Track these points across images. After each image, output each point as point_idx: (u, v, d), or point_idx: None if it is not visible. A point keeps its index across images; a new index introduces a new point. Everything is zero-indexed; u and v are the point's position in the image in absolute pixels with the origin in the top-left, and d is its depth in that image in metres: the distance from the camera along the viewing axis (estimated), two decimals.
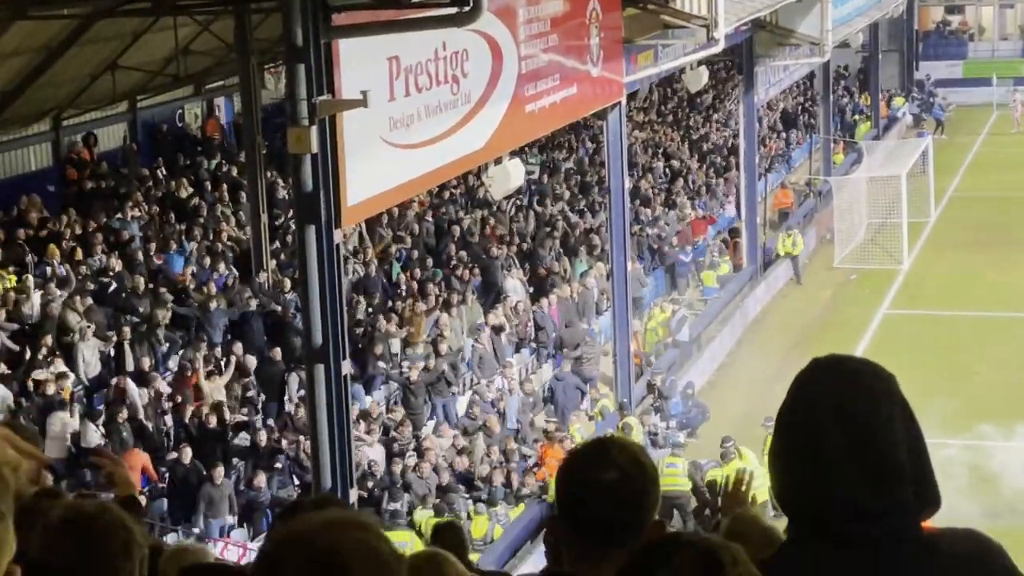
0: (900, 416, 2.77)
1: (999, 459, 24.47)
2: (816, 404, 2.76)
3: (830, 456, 2.70)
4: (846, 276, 38.56)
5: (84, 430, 20.21)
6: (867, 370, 2.82)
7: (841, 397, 2.75)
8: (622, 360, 27.02)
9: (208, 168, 30.55)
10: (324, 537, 2.43)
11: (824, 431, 2.72)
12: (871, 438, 2.71)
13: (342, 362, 16.24)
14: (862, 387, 2.77)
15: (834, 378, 2.79)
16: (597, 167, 37.03)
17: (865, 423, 2.72)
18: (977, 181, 49.71)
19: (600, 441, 3.15)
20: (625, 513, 3.01)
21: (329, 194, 15.73)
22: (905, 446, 2.74)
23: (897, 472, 2.72)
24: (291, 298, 24.41)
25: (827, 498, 2.71)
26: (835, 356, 2.87)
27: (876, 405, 2.75)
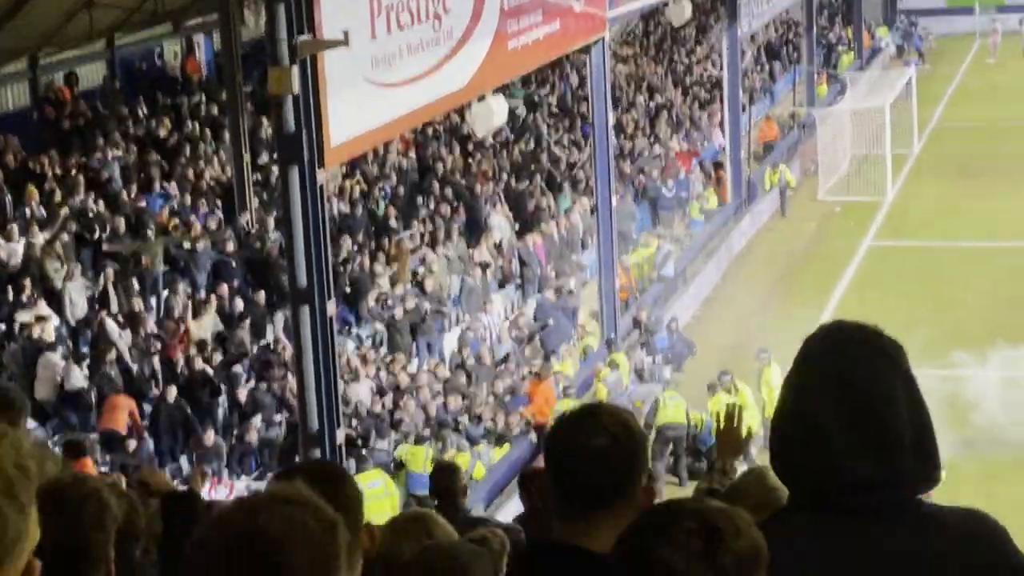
0: (903, 387, 2.75)
1: (980, 388, 24.52)
2: (818, 372, 2.76)
3: (830, 424, 2.69)
4: (830, 208, 38.54)
5: (68, 372, 20.15)
6: (871, 339, 2.80)
7: (843, 365, 2.74)
8: (607, 295, 27.00)
9: (189, 107, 30.31)
10: (247, 519, 2.41)
11: (825, 399, 2.71)
12: (872, 407, 2.70)
13: (327, 302, 16.19)
14: (864, 356, 2.76)
15: (837, 346, 2.79)
16: (580, 102, 36.85)
17: (866, 391, 2.71)
18: (960, 111, 49.66)
19: (589, 407, 3.14)
20: (615, 478, 3.01)
21: (312, 135, 15.63)
22: (907, 417, 2.72)
23: (898, 442, 2.70)
24: (275, 238, 24.33)
25: (827, 467, 2.70)
26: (841, 323, 2.87)
27: (878, 374, 2.73)
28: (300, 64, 15.31)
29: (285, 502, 2.44)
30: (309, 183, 15.68)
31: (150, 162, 26.67)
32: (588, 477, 3.01)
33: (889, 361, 2.78)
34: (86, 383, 20.07)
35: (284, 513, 2.41)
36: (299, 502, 2.45)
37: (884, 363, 2.77)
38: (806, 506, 2.76)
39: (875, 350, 2.78)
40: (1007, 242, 34.20)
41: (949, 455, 13.85)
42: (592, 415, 3.08)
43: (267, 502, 2.45)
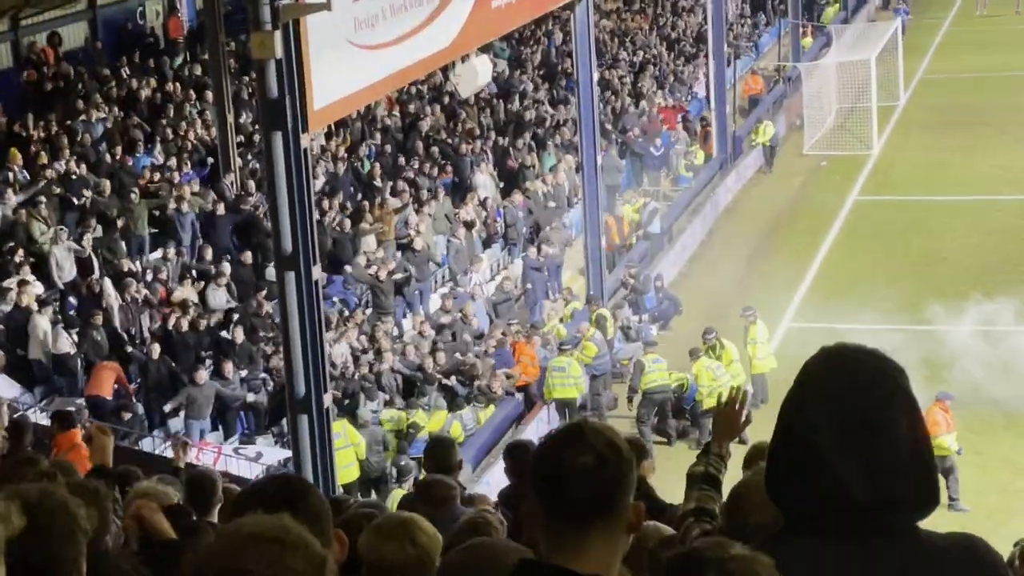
0: (904, 410, 2.75)
1: (964, 343, 24.59)
2: (818, 394, 2.76)
3: (830, 448, 2.70)
4: (816, 163, 38.50)
5: (56, 336, 20.13)
6: (872, 362, 2.81)
7: (844, 388, 2.75)
8: (593, 253, 26.98)
9: (172, 67, 30.14)
10: (234, 558, 2.43)
11: (825, 422, 2.72)
12: (872, 431, 2.71)
13: (312, 267, 16.17)
14: (865, 379, 2.76)
15: (838, 369, 2.80)
16: (565, 58, 36.71)
17: (866, 415, 2.71)
18: (946, 63, 49.55)
19: (574, 425, 3.10)
20: (603, 496, 2.98)
21: (295, 99, 15.56)
22: (907, 442, 2.72)
23: (898, 466, 2.70)
24: (258, 199, 24.28)
25: (826, 490, 2.70)
26: (842, 345, 2.87)
27: (879, 398, 2.74)
28: (283, 28, 15.22)
29: (273, 541, 2.44)
30: (293, 148, 15.61)
31: (133, 123, 26.57)
32: (575, 496, 2.97)
33: (891, 384, 2.78)
34: (73, 348, 20.04)
35: (271, 553, 2.43)
36: (287, 542, 2.46)
37: (885, 386, 2.77)
38: (804, 530, 2.76)
39: (876, 373, 2.79)
40: (993, 195, 34.21)
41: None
42: (577, 433, 3.04)
43: (255, 540, 2.45)
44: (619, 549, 3.05)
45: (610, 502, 2.99)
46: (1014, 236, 31.14)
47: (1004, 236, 31.23)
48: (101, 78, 28.25)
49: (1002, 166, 36.43)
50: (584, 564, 2.97)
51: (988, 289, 27.48)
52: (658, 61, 41.19)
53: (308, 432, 16.49)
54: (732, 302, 27.66)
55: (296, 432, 16.65)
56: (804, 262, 30.47)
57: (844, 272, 29.63)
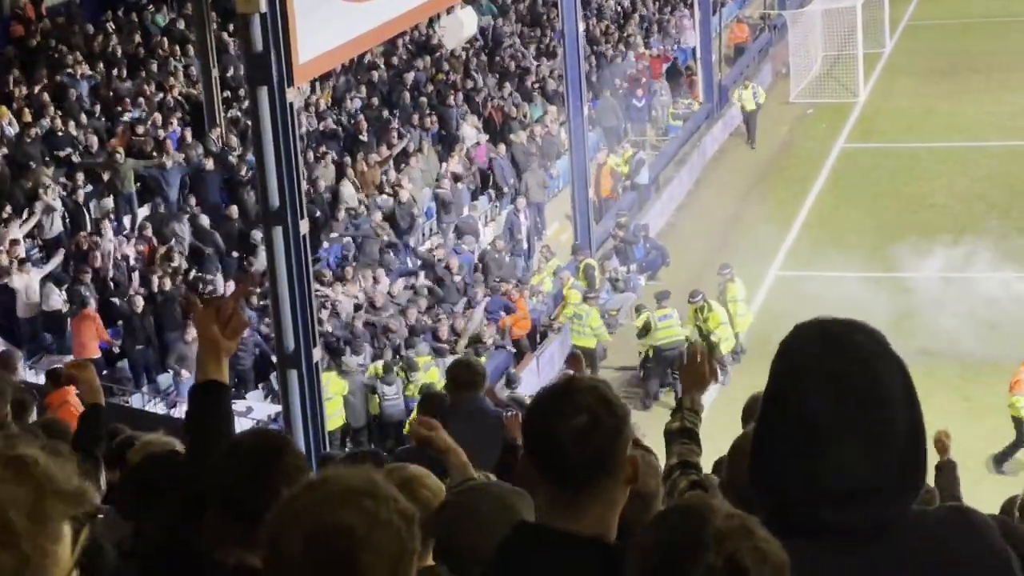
0: (901, 387, 2.60)
1: (950, 289, 24.68)
2: (814, 367, 2.59)
3: (826, 424, 2.54)
4: (802, 110, 38.43)
5: (48, 294, 20.11)
6: (868, 334, 2.64)
7: (842, 361, 2.58)
8: (580, 204, 26.98)
9: (154, 21, 29.96)
10: (329, 513, 2.38)
11: (820, 397, 2.56)
12: (870, 411, 2.55)
13: (300, 222, 16.15)
14: (864, 352, 2.60)
15: (834, 340, 2.62)
16: (551, 8, 36.56)
17: (863, 396, 2.56)
18: (932, 9, 49.34)
19: (564, 385, 3.05)
20: (598, 456, 2.95)
21: (280, 54, 15.49)
22: (906, 418, 2.59)
23: (894, 445, 2.56)
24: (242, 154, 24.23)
25: (818, 471, 2.54)
26: (819, 320, 2.68)
27: (878, 372, 2.58)
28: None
29: (367, 495, 2.41)
30: (279, 103, 15.56)
31: (118, 79, 26.44)
32: (571, 457, 2.93)
33: (888, 359, 2.61)
34: (64, 306, 20.04)
35: (367, 507, 2.39)
36: (380, 496, 2.42)
37: (884, 360, 2.61)
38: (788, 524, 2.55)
39: (874, 345, 2.62)
40: (981, 142, 34.21)
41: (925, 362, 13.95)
42: (568, 393, 2.99)
43: (348, 495, 2.40)
44: (618, 505, 3.04)
45: (609, 460, 2.96)
46: (1002, 182, 31.19)
47: (992, 182, 31.27)
48: (85, 34, 28.08)
49: (989, 112, 36.41)
50: (585, 525, 2.95)
51: (975, 234, 27.56)
52: (643, 8, 41.01)
53: (298, 387, 16.52)
54: (720, 253, 27.71)
55: (286, 387, 16.67)
56: (791, 210, 30.50)
57: (832, 220, 29.67)
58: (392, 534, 2.39)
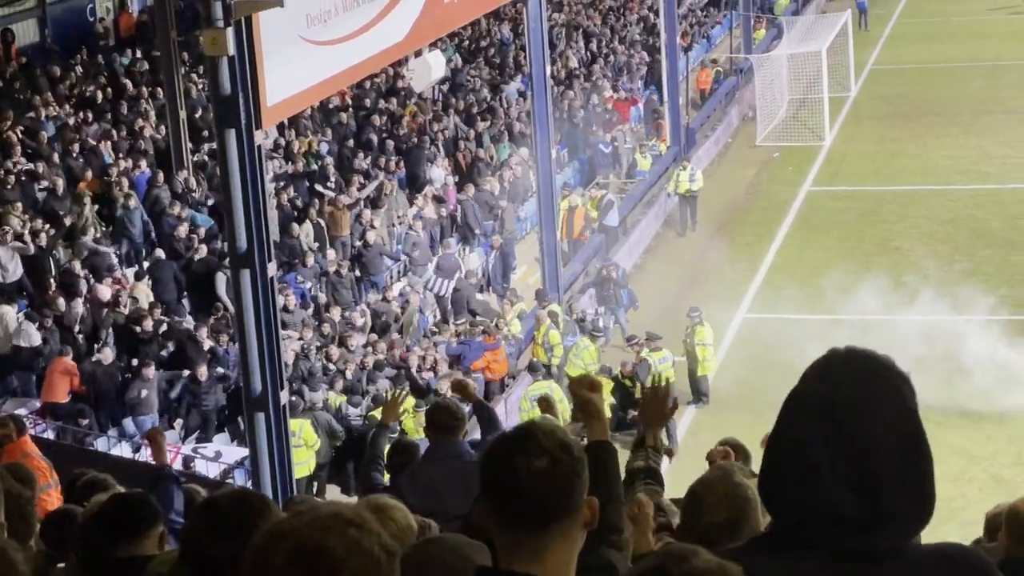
0: (902, 422, 2.63)
1: (917, 332, 24.78)
2: (813, 401, 2.64)
3: (820, 457, 2.58)
4: (769, 154, 38.67)
5: (22, 330, 19.97)
6: (874, 370, 2.67)
7: (835, 397, 2.62)
8: (548, 247, 26.99)
9: (123, 64, 29.95)
10: (313, 535, 2.44)
11: (816, 430, 2.60)
12: (860, 445, 2.58)
13: (268, 265, 16.12)
14: (863, 388, 2.63)
15: (836, 376, 2.65)
16: (519, 52, 36.73)
17: (855, 430, 2.59)
18: (896, 53, 49.86)
19: (524, 428, 3.05)
20: (557, 498, 2.94)
21: (248, 96, 15.49)
22: (903, 456, 2.60)
23: (889, 482, 2.58)
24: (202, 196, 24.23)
25: (813, 501, 2.59)
26: (850, 350, 2.72)
27: (872, 409, 2.61)
28: (235, 25, 15.16)
29: (352, 524, 2.47)
30: (247, 145, 15.56)
31: (85, 121, 26.40)
32: (531, 501, 2.92)
33: (890, 394, 2.65)
34: (43, 344, 19.93)
35: (351, 535, 2.45)
36: (366, 527, 2.48)
37: (883, 396, 2.64)
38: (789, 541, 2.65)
39: (876, 381, 2.66)
40: (944, 186, 34.49)
41: None
42: (527, 436, 2.98)
43: (334, 521, 2.46)
44: (576, 547, 3.02)
45: (567, 503, 2.95)
46: (965, 225, 31.43)
47: (956, 225, 31.50)
48: (52, 76, 28.05)
49: (951, 156, 36.76)
50: (544, 568, 2.93)
51: (940, 277, 27.73)
52: (611, 53, 41.23)
53: (265, 429, 16.45)
54: (687, 294, 27.78)
55: (253, 430, 16.59)
56: (758, 253, 30.63)
57: (798, 263, 29.80)
58: (371, 565, 2.43)
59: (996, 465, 20.56)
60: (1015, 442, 21.22)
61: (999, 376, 22.52)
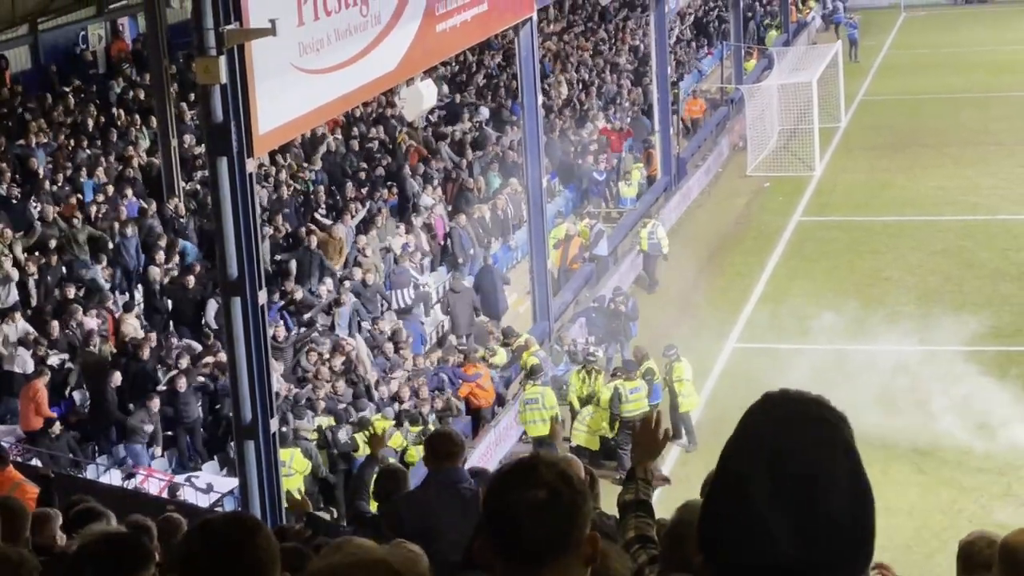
0: (844, 463, 2.56)
1: (907, 362, 24.83)
2: (754, 444, 2.56)
3: (758, 503, 2.50)
4: (759, 184, 38.76)
5: (16, 354, 19.94)
6: (812, 411, 2.59)
7: (780, 439, 2.54)
8: (539, 275, 27.00)
9: (115, 91, 29.99)
10: None
11: (755, 476, 2.52)
12: (808, 484, 2.50)
13: (258, 293, 16.12)
14: (804, 430, 2.56)
15: (776, 417, 2.58)
16: (511, 80, 36.83)
17: (801, 473, 2.51)
18: (886, 84, 50.08)
19: (525, 461, 3.02)
20: (559, 531, 2.89)
21: (240, 124, 15.51)
22: (847, 500, 2.53)
23: (832, 525, 2.51)
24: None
25: (751, 549, 2.51)
26: (784, 393, 2.64)
27: (817, 453, 2.54)
28: (227, 54, 15.20)
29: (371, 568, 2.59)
30: (238, 173, 15.57)
31: (77, 148, 26.41)
32: (531, 534, 2.87)
33: (830, 436, 2.57)
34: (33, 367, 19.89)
35: None
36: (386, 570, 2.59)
37: (824, 438, 2.56)
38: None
39: (816, 423, 2.57)
40: (934, 216, 34.59)
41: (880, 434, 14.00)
42: (529, 468, 2.95)
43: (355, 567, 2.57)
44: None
45: (566, 538, 2.90)
46: (955, 256, 31.50)
47: (945, 256, 31.57)
48: (44, 103, 28.08)
49: (941, 187, 36.89)
50: None
51: (929, 308, 27.79)
52: (603, 83, 41.35)
53: (255, 458, 16.42)
54: (677, 323, 27.83)
55: (243, 458, 16.56)
56: (748, 283, 30.67)
57: (788, 293, 29.83)
58: None
59: (986, 496, 20.56)
60: (1005, 473, 21.22)
61: (988, 407, 22.55)
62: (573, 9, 48.37)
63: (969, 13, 64.75)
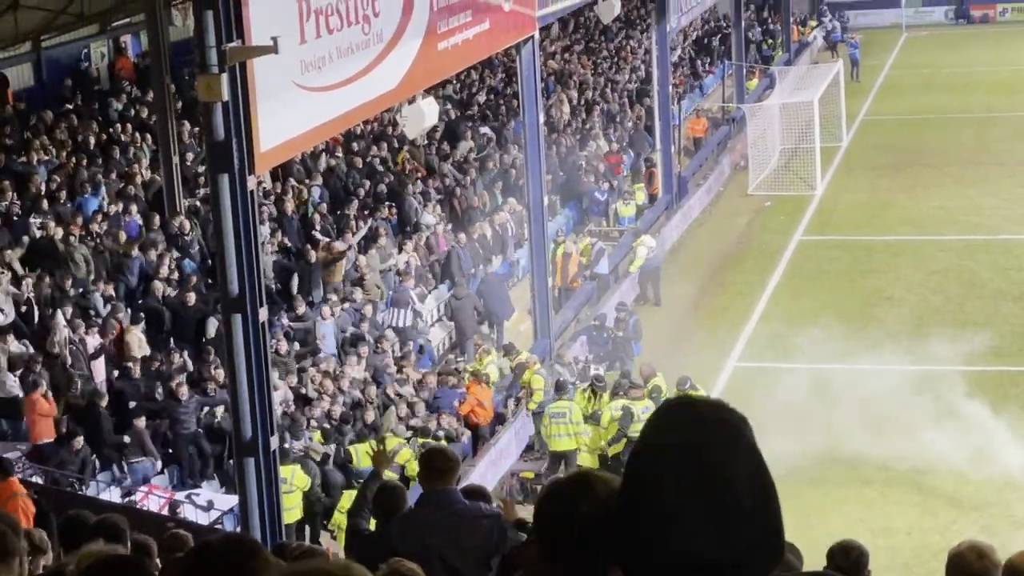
0: (747, 461, 2.63)
1: (907, 381, 24.81)
2: (660, 445, 2.63)
3: (673, 500, 2.57)
4: (760, 203, 38.79)
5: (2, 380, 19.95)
6: (715, 413, 2.67)
7: (686, 438, 2.61)
8: (540, 294, 27.00)
9: (117, 109, 30.05)
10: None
11: (667, 474, 2.58)
12: (717, 479, 2.57)
13: (259, 310, 16.11)
14: (707, 429, 2.63)
15: (680, 420, 2.65)
16: (511, 99, 36.89)
17: (710, 463, 2.58)
18: (888, 104, 50.16)
19: (581, 475, 3.14)
20: None
21: (242, 142, 15.52)
22: (753, 494, 2.60)
23: (740, 517, 2.57)
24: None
25: (670, 549, 2.57)
26: (686, 397, 2.75)
27: (723, 446, 2.61)
28: (229, 71, 15.22)
29: None
30: (240, 191, 15.59)
31: (79, 166, 26.45)
32: (581, 543, 2.96)
33: (732, 434, 2.64)
34: (20, 391, 19.87)
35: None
36: None
37: (728, 436, 2.63)
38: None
39: (718, 423, 2.65)
40: (935, 236, 34.61)
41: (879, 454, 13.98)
42: (583, 482, 3.06)
43: None
44: None
45: None
46: (956, 276, 31.49)
47: (947, 275, 31.57)
48: (46, 120, 28.14)
49: (942, 207, 36.92)
50: None
51: (930, 327, 27.78)
52: (605, 102, 41.42)
53: (255, 475, 16.40)
54: (678, 342, 27.83)
55: (243, 475, 16.55)
56: (750, 302, 30.67)
57: (789, 312, 29.81)
58: None
59: (986, 517, 20.51)
60: (1005, 493, 21.19)
61: (988, 428, 22.52)
62: (576, 28, 48.47)
63: (970, 33, 64.85)
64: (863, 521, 19.99)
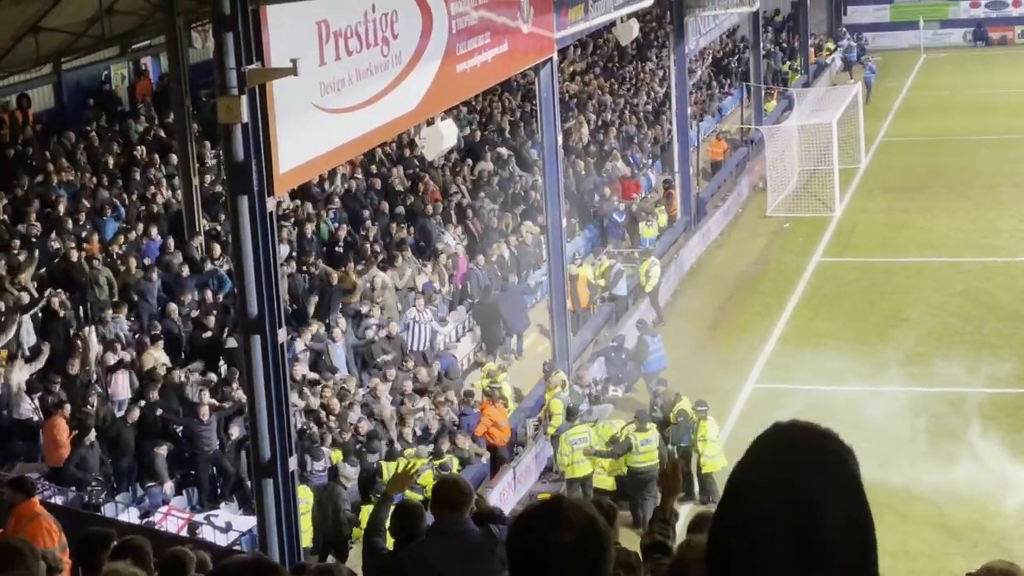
0: (848, 499, 2.52)
1: (925, 403, 24.75)
2: (759, 477, 2.52)
3: (765, 536, 2.45)
4: (779, 224, 38.77)
5: (18, 401, 19.99)
6: (819, 444, 2.55)
7: (786, 466, 2.50)
8: (558, 314, 27.00)
9: (137, 131, 30.18)
10: None
11: (761, 507, 2.47)
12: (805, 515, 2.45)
13: (278, 331, 16.13)
14: (809, 464, 2.51)
15: (782, 451, 2.54)
16: (530, 121, 36.95)
17: (804, 500, 2.46)
18: (906, 126, 50.12)
19: (553, 502, 3.02)
20: (584, 574, 2.90)
21: (261, 163, 15.56)
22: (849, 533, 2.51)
23: (833, 556, 2.46)
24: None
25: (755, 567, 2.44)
26: (795, 423, 2.60)
27: (821, 480, 2.49)
28: (249, 93, 15.27)
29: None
30: (259, 212, 15.63)
31: (99, 187, 26.56)
32: (554, 573, 2.88)
33: (834, 465, 2.52)
34: (36, 415, 19.91)
35: None
36: None
37: (828, 466, 2.51)
38: None
39: (822, 456, 2.53)
40: (955, 257, 34.55)
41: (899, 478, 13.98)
42: (555, 510, 2.95)
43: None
44: None
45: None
46: (975, 298, 31.42)
47: (966, 298, 31.49)
48: (67, 142, 28.27)
49: (962, 228, 36.85)
50: None
51: (949, 349, 27.71)
52: (622, 124, 41.47)
53: (273, 496, 16.40)
54: (697, 364, 27.78)
55: (261, 496, 16.55)
56: (768, 323, 30.62)
57: (808, 333, 29.77)
58: None
59: (1007, 540, 20.43)
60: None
61: (1007, 450, 22.46)
62: (594, 50, 48.54)
63: (988, 55, 64.79)
64: (883, 545, 19.87)
